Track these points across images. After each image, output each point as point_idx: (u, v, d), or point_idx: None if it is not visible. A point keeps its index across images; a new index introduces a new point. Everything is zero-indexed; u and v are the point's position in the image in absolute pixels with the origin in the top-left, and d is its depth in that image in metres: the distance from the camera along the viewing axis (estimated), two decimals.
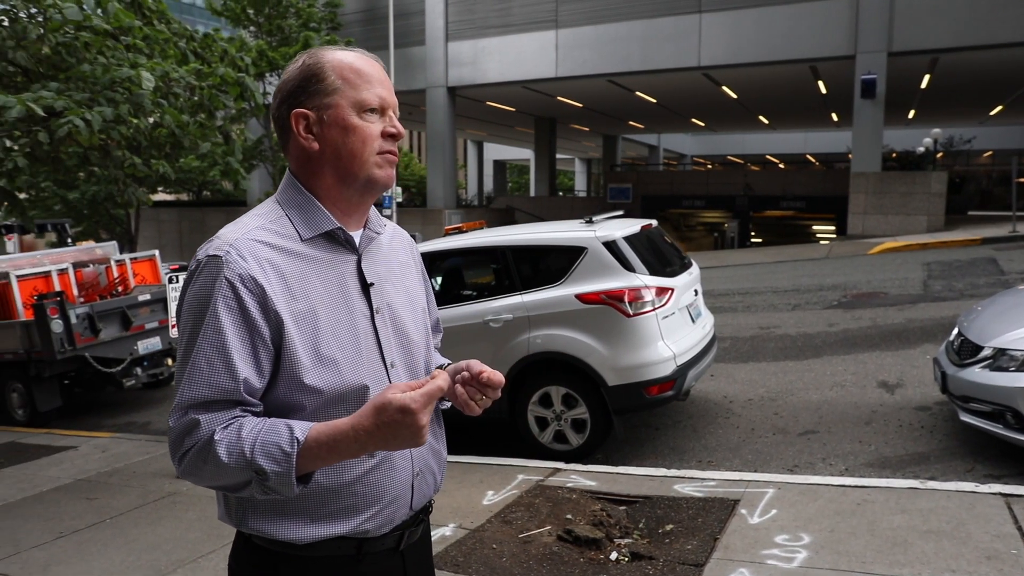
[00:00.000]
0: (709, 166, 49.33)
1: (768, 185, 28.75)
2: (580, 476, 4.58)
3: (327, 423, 1.21)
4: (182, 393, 1.24)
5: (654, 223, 5.81)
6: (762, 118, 33.34)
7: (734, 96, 25.06)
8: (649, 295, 4.91)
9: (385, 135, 1.37)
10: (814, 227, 30.01)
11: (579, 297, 5.00)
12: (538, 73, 20.68)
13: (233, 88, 7.85)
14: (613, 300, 4.90)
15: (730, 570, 3.26)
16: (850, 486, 4.02)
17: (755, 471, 4.64)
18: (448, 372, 1.39)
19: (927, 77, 20.75)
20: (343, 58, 1.36)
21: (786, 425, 5.45)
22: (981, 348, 4.45)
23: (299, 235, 1.34)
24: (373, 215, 1.47)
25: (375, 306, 1.40)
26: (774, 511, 3.80)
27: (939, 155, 28.37)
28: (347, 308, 1.35)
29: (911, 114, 30.07)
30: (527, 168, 54.72)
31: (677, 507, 3.99)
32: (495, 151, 50.14)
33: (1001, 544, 3.24)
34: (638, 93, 24.00)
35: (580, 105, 26.84)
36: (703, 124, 36.79)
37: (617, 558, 3.52)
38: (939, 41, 16.52)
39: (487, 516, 4.06)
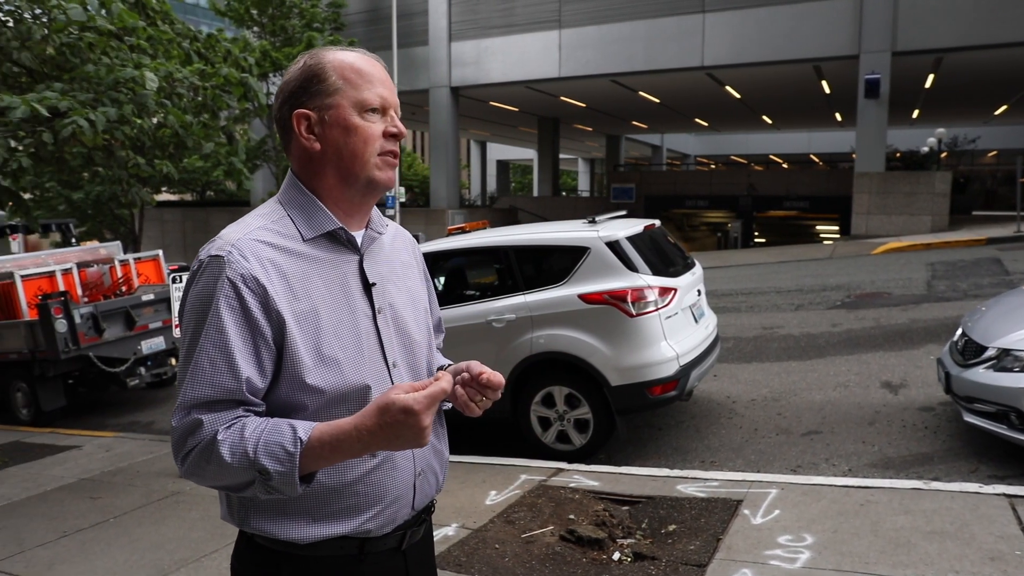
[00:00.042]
0: (712, 166, 49.27)
1: (772, 185, 28.70)
2: (583, 476, 4.58)
3: (330, 423, 1.21)
4: (185, 393, 1.24)
5: (657, 223, 5.80)
6: (766, 118, 33.30)
7: (737, 96, 25.03)
8: (652, 295, 4.90)
9: (387, 135, 1.37)
10: (818, 227, 29.97)
11: (582, 297, 5.00)
12: (541, 73, 20.68)
13: (236, 88, 7.86)
14: (616, 300, 4.89)
15: (733, 570, 3.26)
16: (853, 487, 4.02)
17: (758, 471, 4.64)
18: (448, 373, 1.39)
19: (931, 77, 20.70)
20: (344, 58, 1.36)
21: (789, 425, 5.44)
22: (985, 348, 4.44)
23: (301, 235, 1.34)
24: (375, 215, 1.47)
25: (377, 306, 1.40)
26: (777, 511, 3.80)
27: (943, 155, 28.32)
28: (349, 308, 1.35)
29: (915, 114, 30.00)
30: (530, 168, 54.69)
31: (680, 507, 3.99)
32: (498, 151, 50.16)
33: (1005, 545, 3.23)
34: (641, 93, 23.99)
35: (583, 105, 26.84)
36: (706, 124, 36.75)
37: (620, 558, 3.52)
38: (943, 41, 16.47)
39: (490, 516, 4.06)
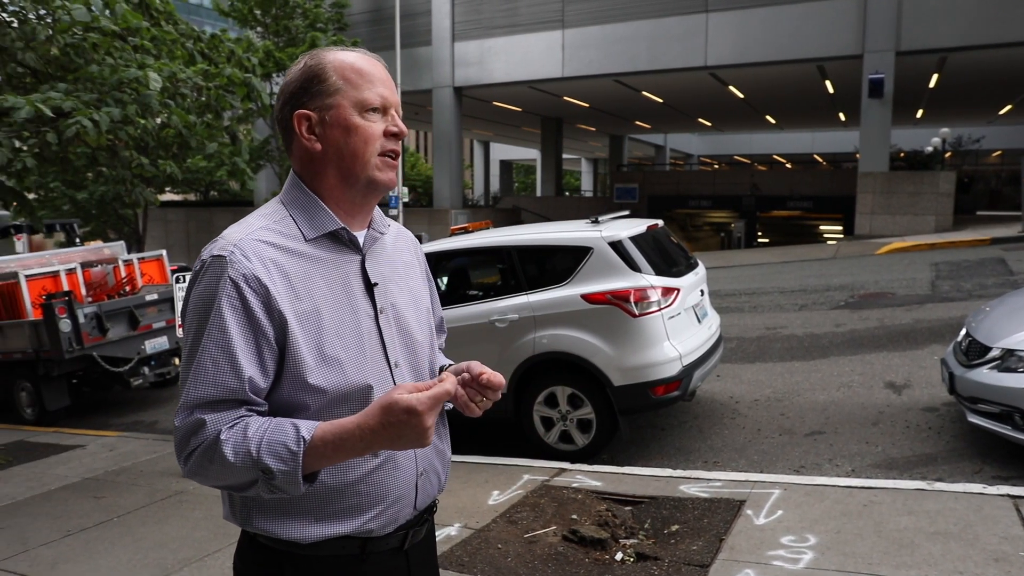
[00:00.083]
0: (716, 166, 49.20)
1: (775, 185, 28.66)
2: (585, 476, 4.57)
3: (333, 422, 1.21)
4: (188, 393, 1.24)
5: (660, 223, 5.80)
6: (769, 118, 33.26)
7: (741, 96, 25.00)
8: (655, 295, 4.90)
9: (387, 134, 1.37)
10: (821, 227, 29.90)
11: (585, 297, 4.99)
12: (544, 73, 20.67)
13: (240, 89, 7.88)
14: (619, 300, 4.89)
15: (736, 571, 3.25)
16: (857, 487, 4.01)
17: (761, 472, 4.63)
18: (451, 373, 1.39)
19: (935, 76, 20.65)
20: (344, 58, 1.36)
21: (792, 426, 5.43)
22: (989, 349, 4.43)
23: (303, 235, 1.34)
24: (377, 215, 1.47)
25: (379, 306, 1.40)
26: (780, 512, 3.79)
27: (947, 155, 28.24)
28: (351, 308, 1.35)
29: (919, 113, 29.93)
30: (533, 168, 54.71)
31: (683, 508, 3.99)
32: (501, 151, 50.16)
33: (1009, 546, 3.22)
34: (644, 93, 23.98)
35: (586, 105, 26.83)
36: (710, 124, 36.71)
37: (622, 558, 3.51)
38: (948, 40, 16.42)
39: (492, 516, 4.06)
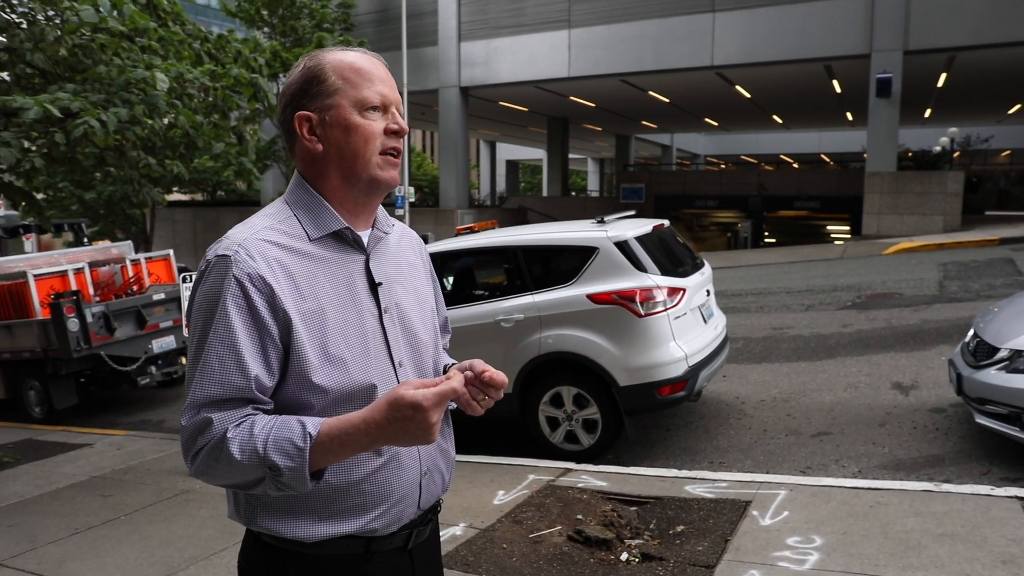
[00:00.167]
0: (722, 166, 49.11)
1: (782, 185, 28.57)
2: (591, 476, 4.57)
3: (339, 417, 1.21)
4: (194, 392, 1.25)
5: (666, 223, 5.79)
6: (776, 117, 33.14)
7: (748, 95, 24.93)
8: (661, 295, 4.89)
9: (388, 132, 1.37)
10: (828, 227, 29.77)
11: (590, 297, 4.99)
12: (551, 73, 20.67)
13: (247, 89, 7.89)
14: (625, 300, 4.89)
15: (741, 572, 3.25)
16: (863, 488, 3.99)
17: (767, 472, 4.62)
18: (457, 371, 1.39)
19: (944, 76, 20.54)
20: (343, 58, 1.36)
21: (799, 426, 5.41)
22: (997, 350, 4.41)
23: (307, 235, 1.35)
24: (381, 215, 1.48)
25: (383, 306, 1.40)
26: (786, 513, 3.78)
27: (956, 154, 28.10)
28: (355, 307, 1.36)
29: (927, 113, 29.78)
30: (540, 168, 54.70)
31: (688, 508, 3.98)
32: (508, 151, 50.17)
33: (1017, 548, 3.20)
34: (651, 93, 23.93)
35: (593, 105, 26.80)
36: (716, 124, 36.62)
37: (627, 559, 3.51)
38: (956, 39, 16.33)
39: (497, 516, 4.06)
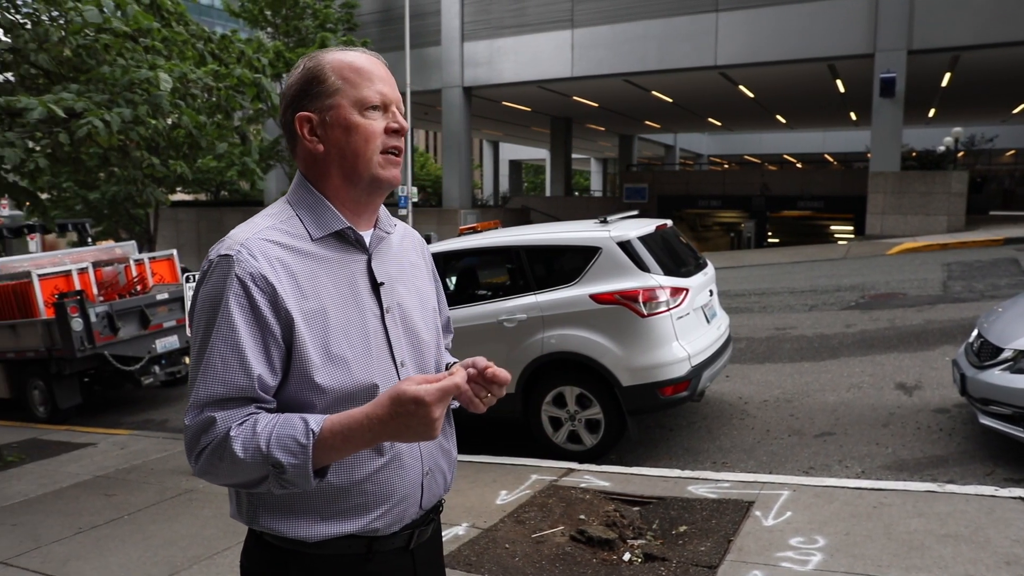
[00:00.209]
0: (726, 166, 49.02)
1: (785, 185, 28.51)
2: (594, 476, 4.57)
3: (341, 413, 1.22)
4: (197, 391, 1.25)
5: (669, 223, 5.78)
6: (779, 117, 33.09)
7: (751, 95, 24.89)
8: (664, 295, 4.89)
9: (388, 131, 1.37)
10: (832, 227, 29.72)
11: (593, 297, 4.99)
12: (554, 73, 20.66)
13: (250, 89, 7.90)
14: (627, 300, 4.88)
15: (744, 572, 3.24)
16: (866, 489, 3.99)
17: (770, 473, 4.61)
18: (460, 368, 1.39)
19: (948, 75, 20.49)
20: (343, 58, 1.37)
21: (802, 427, 5.40)
22: (1001, 350, 4.39)
23: (309, 235, 1.35)
24: (383, 215, 1.48)
25: (385, 305, 1.40)
26: (789, 513, 3.77)
27: (960, 154, 28.03)
28: (357, 307, 1.36)
29: (931, 112, 29.71)
30: (543, 168, 54.65)
31: (691, 508, 3.98)
32: (511, 151, 50.17)
33: (1021, 549, 3.19)
34: (654, 93, 23.91)
35: (596, 105, 26.78)
36: (720, 123, 36.57)
37: (630, 559, 3.51)
38: (960, 39, 16.28)
39: (500, 516, 4.06)
